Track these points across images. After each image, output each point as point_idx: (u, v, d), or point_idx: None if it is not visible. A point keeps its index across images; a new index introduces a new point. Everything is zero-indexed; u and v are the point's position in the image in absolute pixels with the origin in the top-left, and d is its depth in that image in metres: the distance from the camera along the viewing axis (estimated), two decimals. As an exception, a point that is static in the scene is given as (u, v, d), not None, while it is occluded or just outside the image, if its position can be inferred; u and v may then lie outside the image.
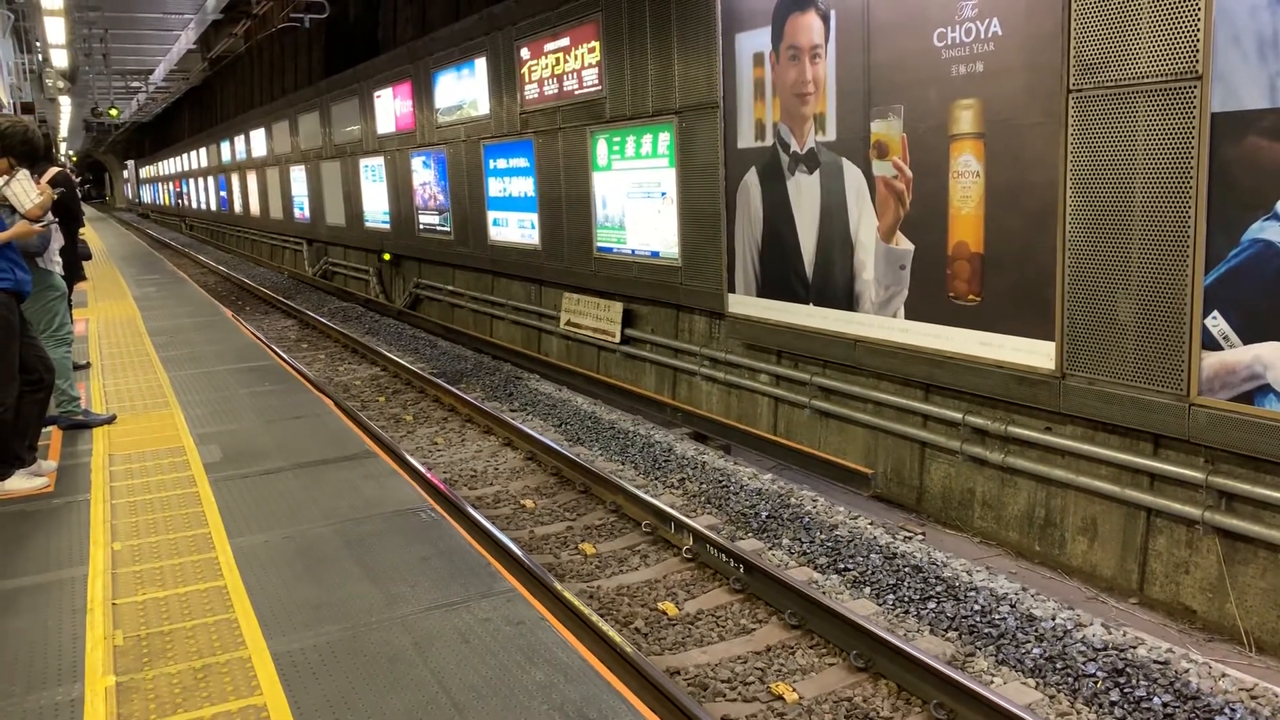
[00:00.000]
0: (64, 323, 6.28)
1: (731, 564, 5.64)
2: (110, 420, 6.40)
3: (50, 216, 5.75)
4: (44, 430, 5.73)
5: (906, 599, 5.41)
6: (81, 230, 9.30)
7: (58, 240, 6.45)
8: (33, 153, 5.52)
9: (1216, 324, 4.92)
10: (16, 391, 4.88)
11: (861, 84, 6.90)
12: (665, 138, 9.34)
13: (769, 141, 7.88)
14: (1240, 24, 4.64)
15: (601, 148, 10.48)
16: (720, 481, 7.41)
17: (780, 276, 7.97)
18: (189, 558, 4.12)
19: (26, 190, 5.36)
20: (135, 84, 34.30)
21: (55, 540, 4.36)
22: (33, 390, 5.05)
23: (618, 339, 10.83)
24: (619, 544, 6.40)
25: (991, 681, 4.57)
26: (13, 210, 5.32)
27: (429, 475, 7.29)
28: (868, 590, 5.57)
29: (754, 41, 7.91)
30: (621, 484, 6.99)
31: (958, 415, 6.64)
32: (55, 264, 6.32)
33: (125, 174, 72.30)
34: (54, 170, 6.59)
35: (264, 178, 27.68)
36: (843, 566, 5.87)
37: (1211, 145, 4.82)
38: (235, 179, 31.95)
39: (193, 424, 6.37)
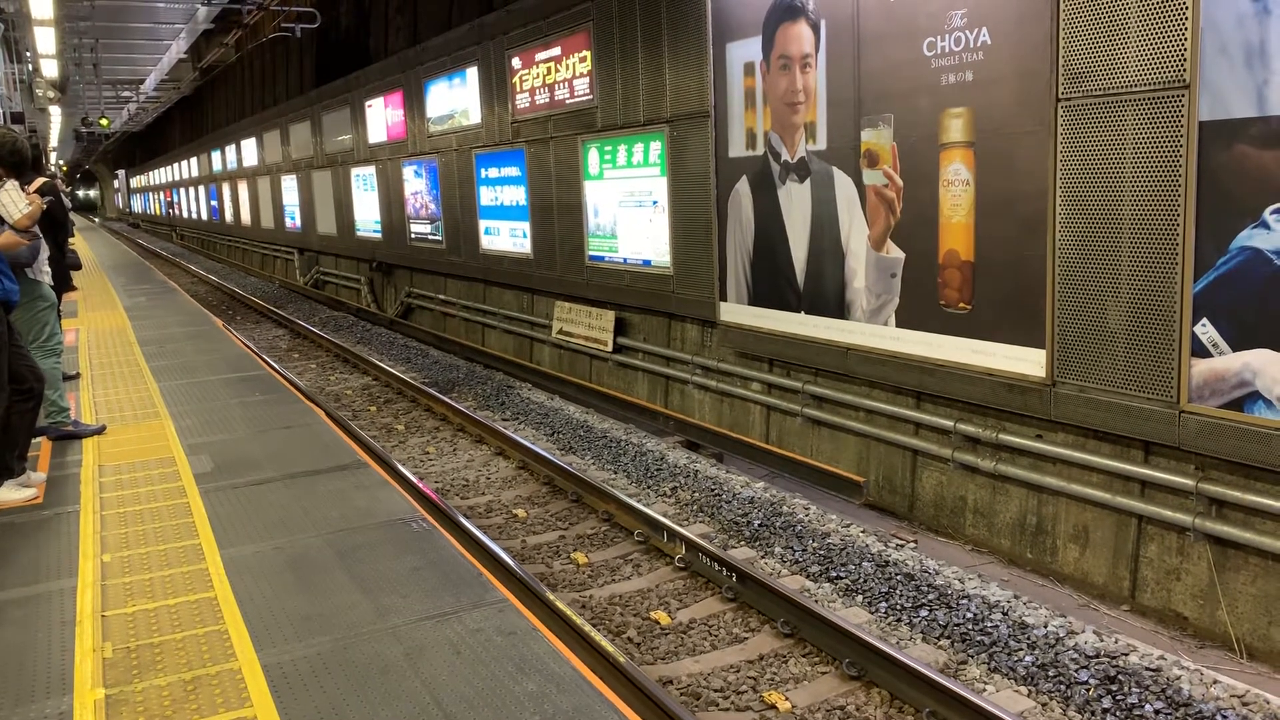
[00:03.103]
0: (54, 333, 6.26)
1: (724, 573, 5.64)
2: (100, 431, 6.37)
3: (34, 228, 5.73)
4: (33, 441, 5.70)
5: (899, 607, 5.41)
6: (71, 240, 9.27)
7: (45, 250, 6.43)
8: (21, 163, 5.51)
9: (1206, 331, 4.94)
10: (6, 402, 4.86)
11: (852, 93, 6.92)
12: (657, 147, 9.36)
13: (760, 150, 7.90)
14: (1227, 33, 4.68)
15: (593, 157, 10.50)
16: (712, 490, 7.41)
17: (772, 285, 7.98)
18: (179, 569, 4.10)
19: (15, 200, 5.34)
20: (126, 94, 34.22)
21: (44, 552, 4.34)
22: (22, 400, 5.02)
23: (610, 347, 10.83)
24: (611, 553, 6.39)
25: (984, 689, 4.57)
26: (1, 221, 5.31)
27: (420, 485, 7.27)
28: (860, 598, 5.57)
29: (745, 51, 7.93)
30: (614, 493, 6.98)
31: (949, 423, 6.65)
32: (44, 274, 6.30)
33: (116, 184, 72.16)
34: (41, 180, 6.57)
35: (255, 187, 27.66)
36: (835, 575, 5.87)
37: (1200, 153, 4.85)
38: (226, 188, 31.91)
39: (183, 434, 6.34)
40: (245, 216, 29.71)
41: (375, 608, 3.67)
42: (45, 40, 19.31)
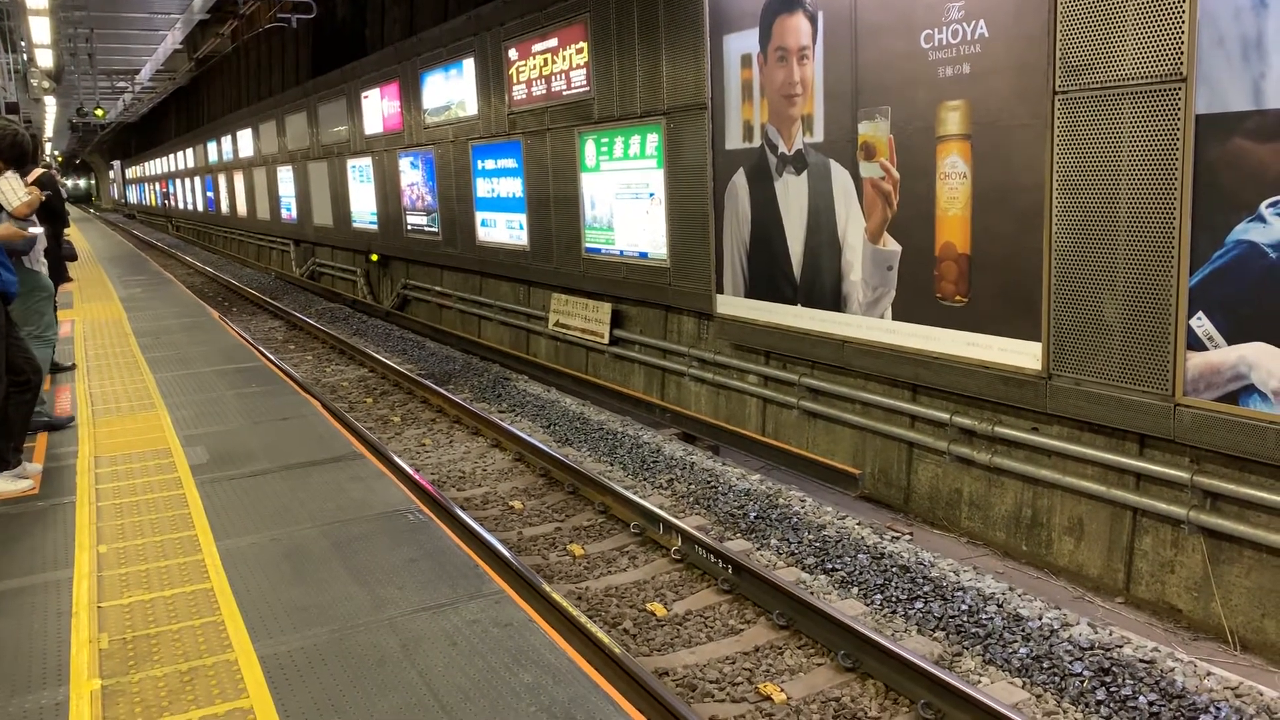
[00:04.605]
0: (49, 324, 6.24)
1: (720, 564, 5.65)
2: (69, 423, 6.32)
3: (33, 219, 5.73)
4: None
5: (894, 599, 5.43)
6: (67, 231, 9.25)
7: (42, 241, 6.42)
8: (23, 155, 5.51)
9: (1201, 325, 4.95)
10: (3, 393, 4.85)
11: (849, 85, 6.91)
12: (653, 139, 9.34)
13: (757, 143, 7.90)
14: (1224, 26, 4.67)
15: (590, 148, 10.48)
16: (708, 482, 7.41)
17: (768, 277, 7.98)
18: (175, 560, 4.10)
19: (15, 189, 5.34)
20: (121, 84, 34.13)
21: (40, 543, 4.34)
22: (20, 392, 5.02)
23: (606, 340, 10.83)
24: (607, 545, 6.40)
25: (979, 681, 4.58)
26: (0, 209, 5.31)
27: (417, 477, 7.27)
28: (855, 590, 5.58)
29: (742, 43, 7.92)
30: (610, 485, 6.99)
31: (945, 415, 6.66)
32: (41, 264, 6.29)
33: (111, 174, 71.98)
34: (38, 171, 6.56)
35: (251, 178, 27.58)
36: (830, 567, 5.89)
37: (1196, 147, 4.85)
38: (222, 179, 31.83)
39: (179, 425, 6.34)
40: (241, 208, 29.63)
41: (372, 599, 3.68)
42: (40, 30, 19.18)
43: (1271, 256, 4.61)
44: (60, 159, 66.64)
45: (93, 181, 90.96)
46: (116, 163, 66.95)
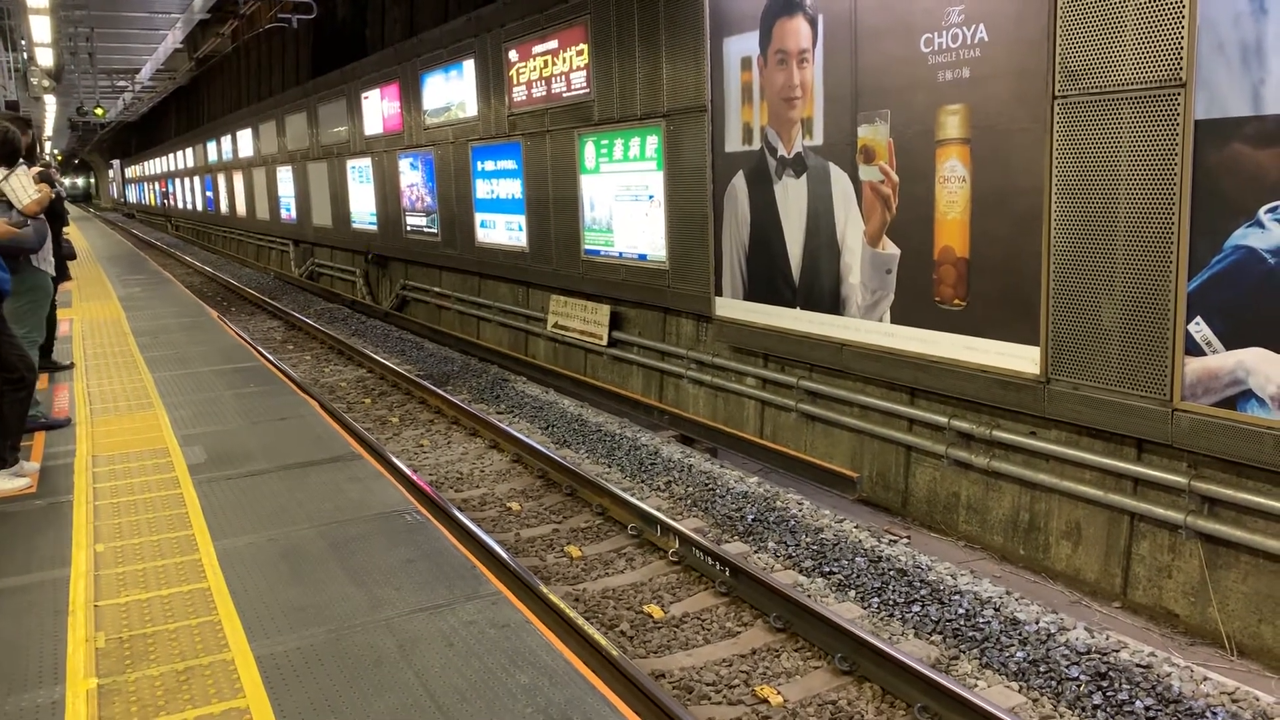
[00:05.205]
0: (36, 325, 6.23)
1: (717, 567, 5.65)
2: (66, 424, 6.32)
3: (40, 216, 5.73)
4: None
5: (891, 602, 5.43)
6: (66, 230, 9.26)
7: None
8: (14, 153, 5.51)
9: (1199, 330, 4.95)
10: (-2, 391, 4.85)
11: (848, 89, 6.92)
12: (653, 141, 9.35)
13: (756, 145, 7.90)
14: (1223, 32, 4.68)
15: (589, 150, 10.49)
16: (706, 484, 7.41)
17: (767, 280, 7.99)
18: (172, 560, 4.10)
19: (25, 186, 5.34)
20: (121, 83, 34.10)
21: (37, 542, 4.33)
22: (14, 389, 5.01)
23: (605, 341, 10.83)
24: (605, 547, 6.40)
25: (975, 685, 4.58)
26: (9, 206, 5.31)
27: (414, 477, 7.26)
28: (853, 594, 5.58)
29: (742, 45, 7.93)
30: (608, 487, 6.99)
31: (943, 419, 6.66)
32: (48, 264, 6.27)
33: (111, 174, 71.96)
34: (36, 169, 6.57)
35: (250, 178, 27.59)
36: (828, 570, 5.88)
37: (1195, 152, 4.85)
38: (221, 179, 31.83)
39: (177, 425, 6.33)
40: (240, 208, 29.64)
41: (369, 599, 3.67)
42: (40, 29, 19.17)
43: (1270, 262, 4.61)
44: (60, 158, 66.63)
45: (92, 180, 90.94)
46: (116, 162, 66.93)
